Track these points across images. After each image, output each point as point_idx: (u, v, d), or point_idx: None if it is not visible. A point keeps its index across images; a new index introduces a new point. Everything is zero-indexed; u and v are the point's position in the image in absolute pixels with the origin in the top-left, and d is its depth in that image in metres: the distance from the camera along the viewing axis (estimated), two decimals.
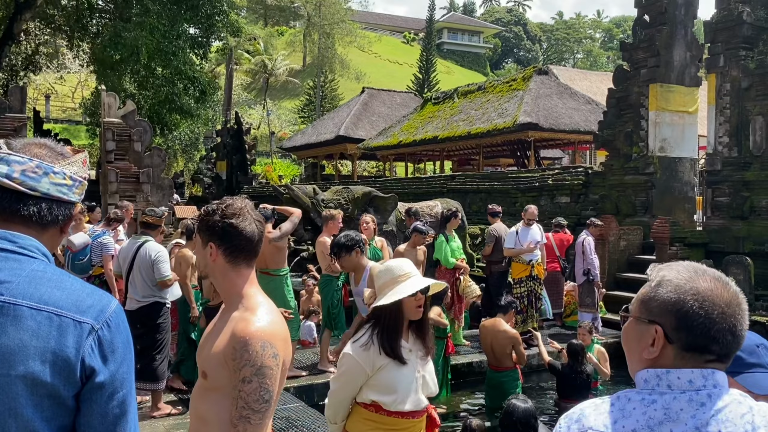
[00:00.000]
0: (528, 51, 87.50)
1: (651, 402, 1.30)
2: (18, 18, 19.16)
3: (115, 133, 12.66)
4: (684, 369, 1.30)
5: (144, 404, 6.11)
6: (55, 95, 43.22)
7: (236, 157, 27.27)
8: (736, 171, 11.37)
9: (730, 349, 1.32)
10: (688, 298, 1.32)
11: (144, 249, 5.91)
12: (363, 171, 37.59)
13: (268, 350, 1.92)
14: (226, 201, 2.14)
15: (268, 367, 1.92)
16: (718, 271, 1.39)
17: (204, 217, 2.11)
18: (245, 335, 1.93)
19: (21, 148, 1.41)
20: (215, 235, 2.06)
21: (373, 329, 2.78)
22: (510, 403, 4.14)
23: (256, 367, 1.90)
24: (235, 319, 2.01)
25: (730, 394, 1.29)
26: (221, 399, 1.97)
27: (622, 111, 13.26)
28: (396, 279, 2.77)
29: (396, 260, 2.91)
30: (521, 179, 15.84)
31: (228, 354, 1.94)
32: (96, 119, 23.71)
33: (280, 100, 56.52)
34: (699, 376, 1.29)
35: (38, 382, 1.24)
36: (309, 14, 56.53)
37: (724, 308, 1.31)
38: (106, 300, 1.36)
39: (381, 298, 2.78)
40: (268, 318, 2.02)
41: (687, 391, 1.29)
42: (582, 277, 9.66)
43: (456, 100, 24.87)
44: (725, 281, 1.35)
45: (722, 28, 11.61)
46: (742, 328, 1.33)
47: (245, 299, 2.07)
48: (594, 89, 32.66)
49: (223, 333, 2.00)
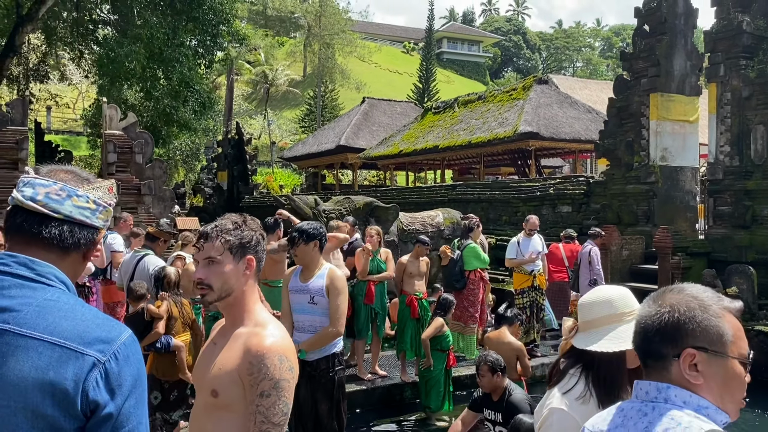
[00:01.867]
0: (528, 60, 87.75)
1: (620, 409, 1.46)
2: (20, 30, 19.24)
3: (116, 145, 12.68)
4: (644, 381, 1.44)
5: None
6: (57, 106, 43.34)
7: (237, 168, 27.28)
8: (738, 180, 11.37)
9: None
10: None
11: (143, 263, 5.92)
12: (364, 180, 37.61)
13: (285, 363, 1.94)
14: (242, 217, 2.14)
15: (286, 380, 1.93)
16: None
17: (236, 231, 2.06)
18: (262, 350, 1.93)
19: (47, 173, 1.42)
20: (251, 248, 2.07)
21: (587, 378, 2.06)
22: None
23: (274, 381, 1.91)
24: (245, 335, 2.00)
25: (675, 411, 1.35)
26: (233, 417, 1.95)
27: (623, 120, 13.28)
28: (620, 316, 2.02)
29: (617, 290, 2.12)
30: (522, 188, 15.84)
31: (243, 370, 1.93)
32: (97, 130, 23.77)
33: (280, 110, 56.68)
34: (654, 389, 1.40)
35: (38, 414, 1.21)
36: (309, 25, 56.76)
37: None
38: (116, 331, 1.33)
39: (597, 338, 2.02)
40: (280, 333, 2.03)
41: (644, 401, 1.41)
42: (588, 287, 9.64)
43: (456, 110, 24.91)
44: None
45: (722, 37, 11.64)
46: None
47: (252, 314, 2.06)
48: (594, 98, 32.71)
49: (232, 350, 1.98)
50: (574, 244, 10.49)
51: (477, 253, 8.70)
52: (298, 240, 4.25)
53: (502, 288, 11.70)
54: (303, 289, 4.33)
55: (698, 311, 1.37)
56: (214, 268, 2.03)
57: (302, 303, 4.31)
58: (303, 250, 4.28)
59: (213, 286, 2.02)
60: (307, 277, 4.33)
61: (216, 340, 2.11)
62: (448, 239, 13.04)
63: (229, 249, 2.04)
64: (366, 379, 7.60)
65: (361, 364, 7.75)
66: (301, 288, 4.34)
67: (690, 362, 1.35)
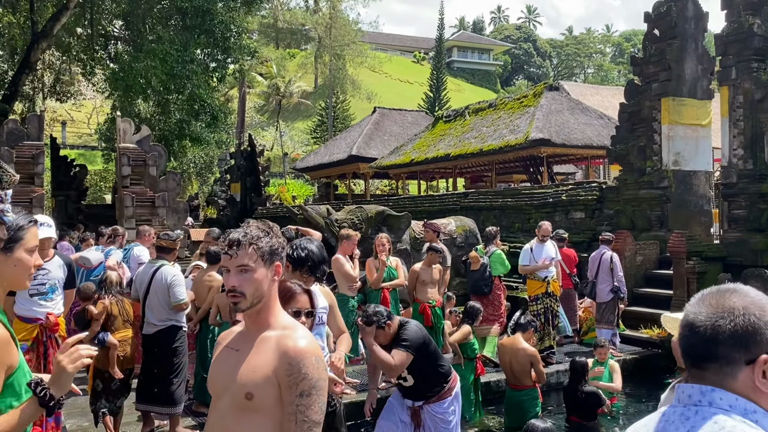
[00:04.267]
0: (538, 67, 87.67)
1: (663, 414, 1.42)
2: (35, 47, 19.54)
3: (130, 158, 12.83)
4: (686, 384, 1.40)
5: (162, 428, 6.12)
6: (72, 122, 43.88)
7: (250, 179, 27.42)
8: (752, 183, 11.28)
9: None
10: None
11: (160, 273, 5.95)
12: (376, 190, 37.68)
13: (321, 364, 2.01)
14: (265, 224, 2.19)
15: (323, 380, 2.01)
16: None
17: (266, 239, 2.09)
18: (299, 352, 1.98)
19: None
20: (278, 255, 2.13)
21: None
22: (530, 423, 4.12)
23: (313, 381, 1.97)
24: (275, 338, 2.04)
25: (720, 415, 1.30)
26: (265, 420, 1.98)
27: (635, 125, 13.23)
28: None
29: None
30: (535, 195, 15.80)
31: (281, 371, 1.97)
32: (111, 144, 24.02)
33: (292, 122, 56.99)
34: (697, 392, 1.36)
35: None
36: (320, 36, 57.08)
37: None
38: None
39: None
40: (309, 334, 2.11)
41: (687, 405, 1.37)
42: (609, 294, 9.57)
43: (467, 118, 24.93)
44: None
45: (733, 40, 11.59)
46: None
47: (278, 318, 2.12)
48: (606, 104, 32.61)
49: (263, 353, 2.01)
50: (566, 248, 10.33)
51: (502, 260, 9.10)
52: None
53: (516, 295, 11.67)
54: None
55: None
56: (247, 276, 2.05)
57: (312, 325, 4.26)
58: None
59: (246, 294, 2.04)
60: None
61: (236, 346, 2.12)
62: (461, 247, 13.02)
63: (261, 256, 2.07)
64: (381, 388, 7.59)
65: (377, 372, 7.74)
66: None
67: (763, 368, 1.31)
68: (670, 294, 10.47)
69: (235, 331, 2.22)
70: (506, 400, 7.07)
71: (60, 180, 20.35)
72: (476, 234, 13.36)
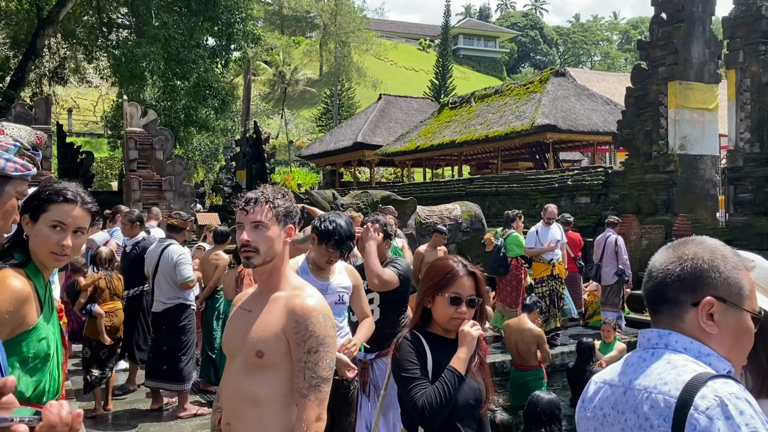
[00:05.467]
0: (545, 55, 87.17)
1: (626, 359, 1.49)
2: (41, 33, 19.56)
3: (137, 142, 12.87)
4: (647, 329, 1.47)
5: (170, 405, 6.19)
6: (77, 109, 43.94)
7: (256, 166, 27.46)
8: (759, 167, 11.26)
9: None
10: None
11: (167, 252, 6.01)
12: (381, 178, 37.66)
13: (328, 322, 2.06)
14: (279, 189, 2.23)
15: (330, 337, 2.06)
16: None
17: (282, 200, 2.16)
18: (306, 310, 2.04)
19: None
20: (292, 218, 2.19)
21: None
22: (534, 395, 4.16)
23: (320, 338, 2.02)
24: (284, 298, 2.11)
25: (672, 355, 1.36)
26: (275, 376, 2.04)
27: (641, 110, 13.19)
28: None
29: None
30: (540, 180, 15.79)
31: (289, 329, 2.03)
32: (117, 132, 24.07)
33: (298, 110, 56.91)
34: (656, 335, 1.43)
35: None
36: (325, 24, 56.88)
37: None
38: None
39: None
40: (318, 294, 2.16)
41: (645, 348, 1.44)
42: (614, 277, 9.61)
43: (473, 104, 24.87)
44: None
45: (741, 23, 11.53)
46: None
47: (288, 279, 2.19)
48: (612, 90, 32.45)
49: (274, 312, 2.08)
50: (571, 231, 10.34)
51: (519, 242, 9.17)
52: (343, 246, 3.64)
53: None
54: (329, 290, 3.71)
55: (720, 262, 1.37)
56: (261, 232, 2.10)
57: (330, 305, 3.77)
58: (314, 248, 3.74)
59: (260, 250, 2.09)
60: (327, 275, 3.77)
61: (249, 306, 2.19)
62: (466, 232, 13.06)
63: (275, 215, 2.13)
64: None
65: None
66: (322, 289, 3.59)
67: (708, 311, 1.35)
68: None
69: (248, 293, 2.29)
70: (511, 380, 7.13)
71: (66, 167, 20.44)
72: (481, 219, 13.37)
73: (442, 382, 2.28)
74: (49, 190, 2.03)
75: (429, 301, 2.47)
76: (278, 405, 2.03)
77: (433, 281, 2.47)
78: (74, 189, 2.08)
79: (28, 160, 1.66)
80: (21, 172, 1.69)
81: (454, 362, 2.34)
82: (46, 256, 2.04)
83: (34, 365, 2.00)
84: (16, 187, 1.77)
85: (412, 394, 2.29)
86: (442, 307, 2.43)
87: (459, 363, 2.35)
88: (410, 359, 2.37)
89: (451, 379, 2.29)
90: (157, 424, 5.78)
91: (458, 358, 2.35)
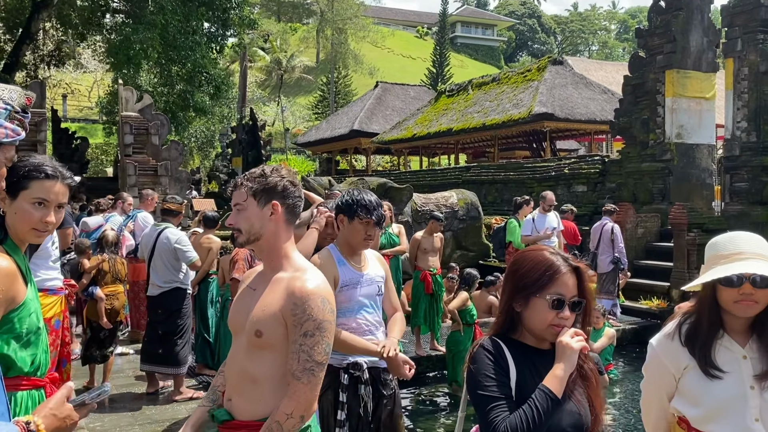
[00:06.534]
0: (542, 44, 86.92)
1: None
2: (35, 17, 19.40)
3: (132, 126, 12.81)
4: None
5: (166, 388, 6.20)
6: (72, 95, 43.69)
7: (251, 153, 27.38)
8: (755, 156, 11.27)
9: None
10: None
11: (164, 235, 5.99)
12: (377, 166, 37.62)
13: (327, 306, 2.05)
14: (272, 166, 2.24)
15: (328, 321, 2.04)
16: None
17: (260, 178, 2.16)
18: (305, 292, 2.03)
19: None
20: (277, 194, 2.15)
21: (689, 315, 2.11)
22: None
23: (318, 322, 2.01)
24: (286, 279, 2.10)
25: None
26: (274, 356, 2.05)
27: (638, 98, 13.17)
28: (718, 257, 2.01)
29: (727, 235, 2.09)
30: (537, 169, 15.79)
31: (287, 311, 2.02)
32: (112, 117, 23.95)
33: (294, 97, 56.72)
34: None
35: None
36: (322, 10, 56.57)
37: None
38: None
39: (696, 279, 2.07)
40: (321, 277, 2.13)
41: None
42: (610, 265, 9.67)
43: (470, 92, 24.81)
44: None
45: (739, 11, 11.50)
46: None
47: (291, 260, 2.17)
48: (610, 79, 32.42)
49: (275, 292, 2.08)
50: (569, 220, 10.38)
51: (511, 230, 9.43)
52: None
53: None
54: (369, 281, 3.31)
55: None
56: (240, 214, 2.16)
57: (371, 297, 3.32)
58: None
59: (242, 229, 2.15)
60: (362, 264, 3.34)
61: (254, 285, 2.20)
62: (462, 219, 13.08)
63: (252, 195, 2.14)
64: None
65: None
66: (361, 279, 3.29)
67: None
68: (670, 266, 10.52)
69: (257, 270, 2.30)
70: None
71: (61, 152, 20.36)
72: (478, 207, 13.40)
73: (532, 405, 1.82)
74: (28, 166, 2.02)
75: (520, 303, 1.96)
76: (275, 384, 2.04)
77: (527, 279, 1.95)
78: (51, 164, 2.08)
79: (17, 123, 1.63)
80: (11, 137, 1.67)
81: (549, 380, 1.86)
82: (28, 232, 2.04)
83: (28, 339, 2.01)
84: (5, 153, 1.74)
85: (491, 417, 1.84)
86: (541, 312, 1.92)
87: (554, 382, 1.86)
88: (488, 373, 1.90)
89: (543, 401, 1.82)
90: (153, 408, 5.79)
91: (554, 376, 1.87)
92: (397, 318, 3.42)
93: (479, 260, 12.67)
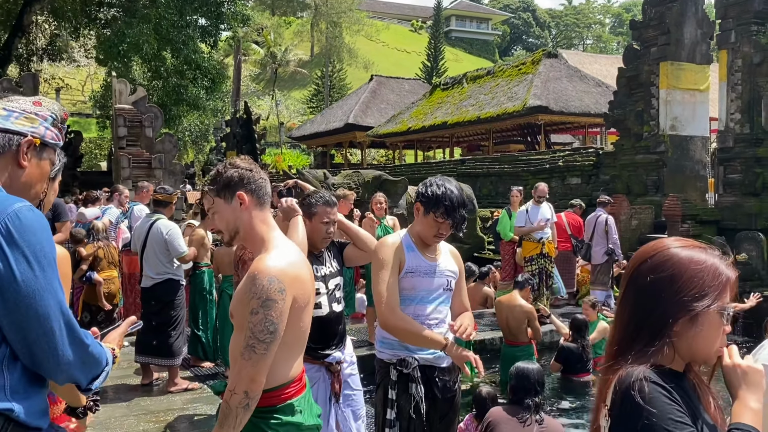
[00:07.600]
0: (537, 37, 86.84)
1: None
2: (28, 10, 19.28)
3: (126, 119, 12.75)
4: None
5: (161, 380, 6.19)
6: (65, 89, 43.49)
7: (246, 147, 27.27)
8: (749, 147, 11.30)
9: None
10: None
11: (156, 227, 5.96)
12: (372, 160, 37.59)
13: (274, 285, 2.05)
14: (226, 161, 2.33)
15: (274, 300, 2.04)
16: None
17: (218, 178, 2.24)
18: (254, 271, 2.07)
19: None
20: (239, 184, 2.21)
21: None
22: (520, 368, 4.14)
23: (262, 300, 2.03)
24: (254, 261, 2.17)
25: None
26: (242, 336, 2.09)
27: (633, 90, 13.19)
28: None
29: None
30: (531, 161, 15.81)
31: (241, 289, 2.09)
32: (106, 111, 23.85)
33: (288, 91, 56.54)
34: None
35: None
36: (316, 4, 56.33)
37: None
38: (8, 203, 1.52)
39: None
40: (282, 258, 2.14)
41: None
42: (604, 257, 9.69)
43: (465, 86, 24.79)
44: None
45: (733, 3, 11.50)
46: None
47: (266, 242, 2.22)
48: (604, 72, 32.42)
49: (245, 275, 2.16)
50: (577, 214, 10.45)
51: (502, 222, 9.59)
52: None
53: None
54: (438, 272, 3.13)
55: None
56: (216, 216, 2.30)
57: (437, 289, 3.14)
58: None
59: (222, 230, 2.29)
60: (434, 254, 3.17)
61: None
62: None
63: (217, 195, 2.25)
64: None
65: (373, 330, 7.83)
66: (429, 269, 3.12)
67: None
68: None
69: None
70: (502, 355, 7.17)
71: None
72: (473, 200, 13.39)
73: None
74: None
75: (682, 321, 1.45)
76: (237, 363, 2.11)
77: (695, 288, 1.44)
78: None
79: (58, 132, 1.79)
80: (56, 141, 1.78)
81: (744, 415, 1.42)
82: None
83: None
84: (50, 155, 1.83)
85: None
86: (714, 329, 1.46)
87: (752, 416, 1.42)
88: (676, 418, 1.36)
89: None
90: (147, 399, 5.78)
91: (747, 408, 1.43)
92: (465, 317, 3.13)
93: (474, 252, 12.69)
